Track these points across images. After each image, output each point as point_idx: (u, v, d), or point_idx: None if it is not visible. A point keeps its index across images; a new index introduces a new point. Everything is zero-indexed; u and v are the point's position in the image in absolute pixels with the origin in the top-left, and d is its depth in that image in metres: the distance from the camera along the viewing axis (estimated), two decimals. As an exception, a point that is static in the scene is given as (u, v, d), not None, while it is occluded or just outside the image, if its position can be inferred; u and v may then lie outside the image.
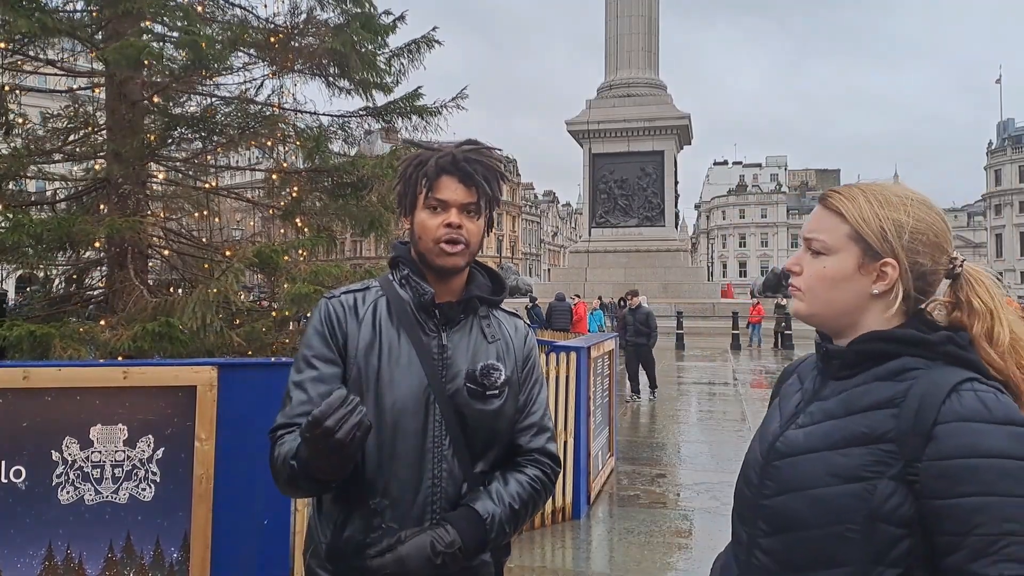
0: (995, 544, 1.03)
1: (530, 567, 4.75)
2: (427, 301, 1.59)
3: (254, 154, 7.14)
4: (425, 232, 1.57)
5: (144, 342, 4.48)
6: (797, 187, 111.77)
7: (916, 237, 1.20)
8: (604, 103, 30.42)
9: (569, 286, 26.24)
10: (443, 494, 1.53)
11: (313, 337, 1.60)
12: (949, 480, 1.06)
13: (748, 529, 1.26)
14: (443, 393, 1.55)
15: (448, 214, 1.56)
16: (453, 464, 1.55)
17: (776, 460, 1.23)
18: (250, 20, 6.22)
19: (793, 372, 1.41)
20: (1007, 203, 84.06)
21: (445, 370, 1.57)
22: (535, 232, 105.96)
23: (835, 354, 1.25)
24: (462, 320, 1.63)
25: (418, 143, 1.87)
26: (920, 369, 1.16)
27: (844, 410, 1.19)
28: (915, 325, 1.21)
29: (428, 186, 1.57)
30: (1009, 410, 1.09)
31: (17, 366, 2.95)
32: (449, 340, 1.59)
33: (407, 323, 1.59)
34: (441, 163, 1.57)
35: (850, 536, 1.11)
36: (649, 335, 12.14)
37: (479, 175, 1.57)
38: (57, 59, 6.14)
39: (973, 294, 1.22)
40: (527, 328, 1.76)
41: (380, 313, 1.60)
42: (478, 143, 1.66)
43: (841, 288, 1.23)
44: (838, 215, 1.24)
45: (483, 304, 1.67)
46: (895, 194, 1.24)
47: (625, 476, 7.05)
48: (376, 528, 1.51)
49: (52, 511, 2.79)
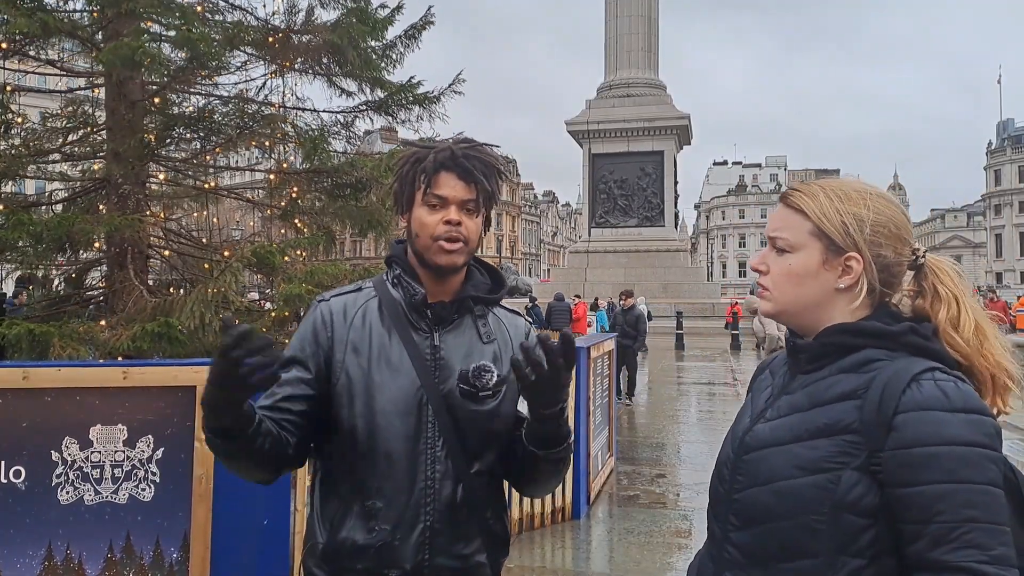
0: (956, 531, 1.05)
1: (530, 567, 4.75)
2: (418, 301, 1.57)
3: (254, 154, 7.13)
4: (423, 229, 1.54)
5: (143, 342, 4.48)
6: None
7: (877, 230, 1.22)
8: (604, 103, 30.42)
9: (569, 286, 26.25)
10: (437, 496, 1.52)
11: (295, 339, 1.59)
12: (910, 469, 1.08)
13: (720, 524, 1.28)
14: (436, 394, 1.53)
15: (447, 211, 1.53)
16: (447, 465, 1.52)
17: (745, 455, 1.25)
18: (249, 20, 6.21)
19: (766, 368, 1.43)
20: (1007, 203, 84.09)
21: (438, 371, 1.55)
22: (535, 232, 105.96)
23: (802, 348, 1.27)
24: (456, 320, 1.60)
25: (415, 143, 1.82)
26: (883, 360, 1.18)
27: (809, 403, 1.21)
28: (880, 317, 1.23)
29: (427, 182, 1.54)
30: (968, 398, 1.11)
31: (17, 366, 2.95)
32: (442, 340, 1.57)
33: (399, 324, 1.57)
34: (440, 159, 1.54)
35: (817, 527, 1.13)
36: (636, 338, 11.87)
37: (478, 171, 1.55)
38: (57, 59, 6.14)
39: (938, 282, 1.25)
40: (528, 327, 1.73)
41: (371, 314, 1.58)
42: (475, 140, 1.63)
43: (807, 284, 1.25)
44: (800, 212, 1.26)
45: (479, 303, 1.64)
46: (854, 189, 1.26)
47: (625, 476, 7.05)
48: (371, 530, 1.49)
49: (52, 511, 2.79)
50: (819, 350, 1.24)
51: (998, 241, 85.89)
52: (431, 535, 1.51)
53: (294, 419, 1.50)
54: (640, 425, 9.95)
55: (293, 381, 1.53)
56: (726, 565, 1.25)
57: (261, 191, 7.12)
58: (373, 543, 1.49)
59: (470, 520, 1.55)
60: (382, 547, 1.49)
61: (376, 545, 1.49)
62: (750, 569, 1.21)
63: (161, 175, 6.28)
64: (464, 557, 1.54)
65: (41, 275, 6.46)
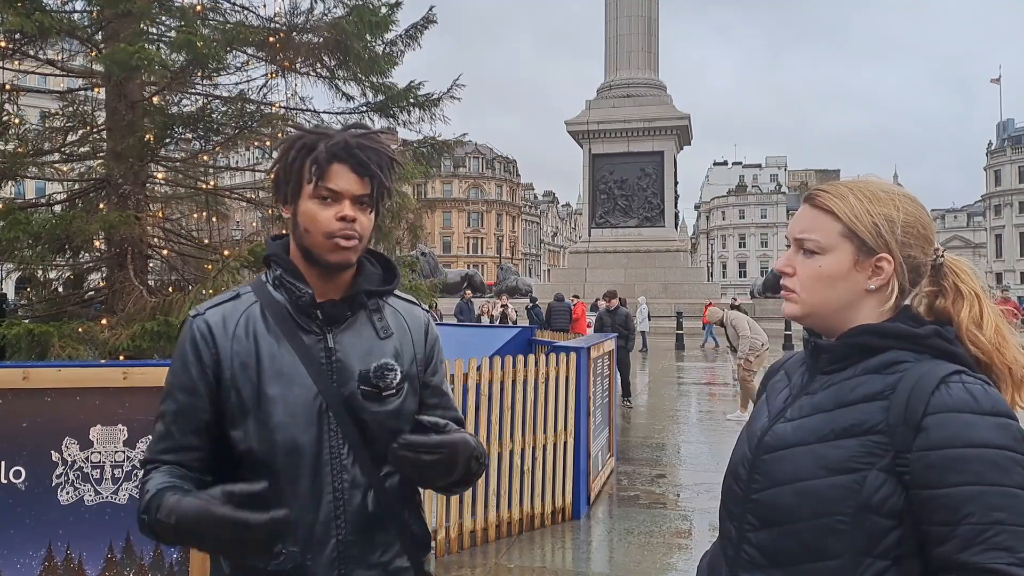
0: (984, 533, 1.04)
1: (530, 567, 4.74)
2: (306, 302, 1.44)
3: (254, 154, 7.13)
4: (315, 225, 1.41)
5: (143, 340, 4.48)
6: (797, 187, 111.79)
7: (907, 231, 1.22)
8: (604, 103, 30.42)
9: (569, 286, 26.22)
10: (347, 507, 1.42)
11: (176, 362, 1.46)
12: (939, 470, 1.08)
13: (736, 524, 1.27)
14: (336, 399, 1.42)
15: (341, 206, 1.41)
16: (355, 472, 1.43)
17: (765, 454, 1.24)
18: (250, 20, 6.21)
19: (780, 369, 1.42)
20: (1007, 203, 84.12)
21: (335, 374, 1.43)
22: (535, 232, 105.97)
23: (825, 348, 1.26)
24: (349, 317, 1.48)
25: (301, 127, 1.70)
26: (909, 362, 1.18)
27: (833, 403, 1.20)
28: (903, 319, 1.22)
29: (318, 174, 1.40)
30: (996, 402, 1.11)
31: (17, 366, 2.95)
32: (336, 341, 1.45)
33: (286, 329, 1.44)
34: (333, 149, 1.40)
35: (840, 528, 1.12)
36: (628, 338, 11.83)
37: (373, 163, 1.42)
38: (57, 59, 6.14)
39: (959, 280, 1.25)
40: (426, 316, 1.63)
41: (254, 323, 1.45)
42: (368, 128, 1.50)
43: (837, 286, 1.24)
44: (829, 213, 1.25)
45: (372, 297, 1.52)
46: (881, 189, 1.26)
47: (625, 476, 7.05)
48: (278, 555, 1.39)
49: (52, 511, 2.79)
50: (843, 351, 1.23)
51: (998, 241, 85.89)
52: (345, 548, 1.42)
53: (202, 455, 1.43)
54: (640, 425, 9.94)
55: (185, 410, 1.43)
56: (743, 566, 1.24)
57: (261, 191, 7.12)
58: (283, 567, 1.39)
59: (386, 526, 1.47)
60: (293, 570, 1.40)
61: (286, 569, 1.40)
62: (770, 570, 1.20)
63: (159, 175, 6.28)
64: (383, 565, 1.47)
65: (41, 276, 6.45)
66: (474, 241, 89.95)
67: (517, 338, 8.16)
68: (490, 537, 5.01)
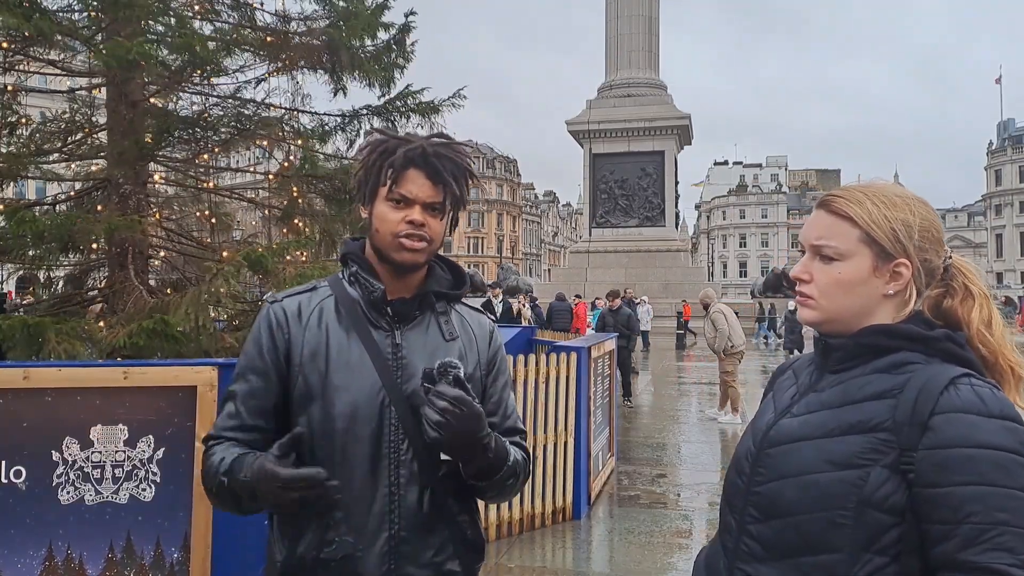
0: (987, 533, 1.05)
1: (530, 567, 4.74)
2: (377, 298, 1.49)
3: (254, 154, 7.13)
4: (384, 225, 1.47)
5: (140, 339, 4.47)
6: (797, 187, 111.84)
7: (924, 235, 1.23)
8: (604, 103, 30.42)
9: (569, 286, 26.23)
10: (402, 502, 1.44)
11: (250, 345, 1.51)
12: (944, 469, 1.08)
13: (738, 517, 1.28)
14: (399, 394, 1.45)
15: (411, 210, 1.46)
16: (412, 468, 1.45)
17: (769, 448, 1.25)
18: (246, 24, 6.20)
19: (787, 369, 1.43)
20: (1007, 203, 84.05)
21: (400, 370, 1.47)
22: (535, 232, 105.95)
23: (836, 347, 1.27)
24: (417, 317, 1.53)
25: (384, 131, 1.77)
26: (919, 364, 1.19)
27: (841, 400, 1.21)
28: (915, 322, 1.23)
29: (393, 178, 1.45)
30: (1004, 405, 1.12)
31: (17, 366, 2.95)
32: (404, 338, 1.50)
33: (357, 323, 1.49)
34: (409, 155, 1.45)
35: (841, 522, 1.13)
36: (629, 338, 11.86)
37: (447, 172, 1.47)
38: (58, 60, 6.14)
39: (968, 281, 1.26)
40: (492, 325, 1.67)
41: (327, 314, 1.50)
42: (449, 137, 1.55)
43: (856, 292, 1.24)
44: (847, 219, 1.25)
45: (441, 299, 1.57)
46: (896, 194, 1.26)
47: (625, 476, 7.05)
48: (330, 543, 1.42)
49: (52, 511, 2.79)
50: (854, 350, 1.24)
51: (999, 241, 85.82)
52: (397, 543, 1.44)
53: (266, 437, 1.45)
54: (640, 425, 9.95)
55: (257, 393, 1.48)
56: (742, 558, 1.25)
57: (262, 191, 7.12)
58: (333, 556, 1.42)
59: (440, 526, 1.48)
60: (344, 560, 1.42)
61: (336, 558, 1.42)
62: (769, 562, 1.21)
63: (157, 175, 6.28)
64: (435, 565, 1.47)
65: (42, 276, 6.45)
66: (475, 241, 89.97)
67: (517, 338, 8.17)
68: (490, 537, 5.01)
